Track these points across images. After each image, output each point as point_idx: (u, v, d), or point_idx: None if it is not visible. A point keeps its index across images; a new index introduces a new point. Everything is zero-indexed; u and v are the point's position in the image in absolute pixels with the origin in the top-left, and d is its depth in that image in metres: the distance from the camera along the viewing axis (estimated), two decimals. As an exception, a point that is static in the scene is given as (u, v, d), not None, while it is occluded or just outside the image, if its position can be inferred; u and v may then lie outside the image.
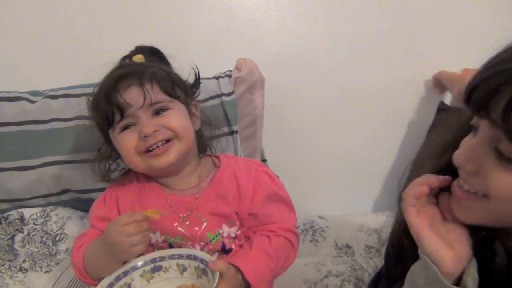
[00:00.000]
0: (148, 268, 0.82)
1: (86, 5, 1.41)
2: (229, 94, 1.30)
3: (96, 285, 0.80)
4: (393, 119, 1.53)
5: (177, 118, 0.88)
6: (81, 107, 1.29)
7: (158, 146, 0.85)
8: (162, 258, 0.82)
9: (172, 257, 0.82)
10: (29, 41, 1.40)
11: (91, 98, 0.94)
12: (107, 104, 0.85)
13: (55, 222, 1.23)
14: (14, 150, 1.28)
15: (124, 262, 0.83)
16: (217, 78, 1.34)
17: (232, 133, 1.30)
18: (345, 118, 1.52)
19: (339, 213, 1.45)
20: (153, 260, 0.82)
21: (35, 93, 1.33)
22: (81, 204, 1.30)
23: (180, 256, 0.82)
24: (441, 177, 0.66)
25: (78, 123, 1.28)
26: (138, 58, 0.97)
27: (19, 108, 1.29)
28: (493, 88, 0.53)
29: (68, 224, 1.24)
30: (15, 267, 1.09)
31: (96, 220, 0.92)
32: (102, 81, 0.91)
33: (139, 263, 0.82)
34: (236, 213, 0.90)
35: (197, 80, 1.02)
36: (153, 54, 1.01)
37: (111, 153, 0.98)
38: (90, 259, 0.85)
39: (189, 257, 0.82)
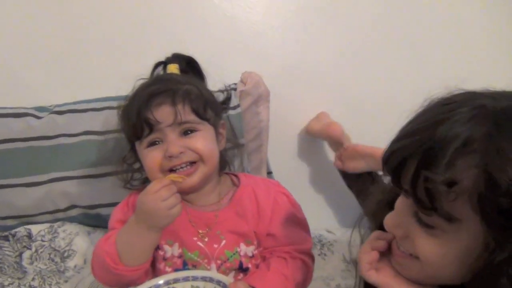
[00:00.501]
0: None
1: (92, 21, 1.41)
2: (234, 108, 1.30)
3: (128, 273, 0.80)
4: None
5: (204, 141, 0.89)
6: (87, 122, 1.30)
7: (182, 168, 0.87)
8: (176, 280, 0.82)
9: (186, 279, 0.82)
10: (34, 57, 1.40)
11: (122, 108, 0.95)
12: (137, 119, 0.86)
13: (63, 239, 1.23)
14: (20, 167, 1.28)
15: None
16: (222, 91, 1.34)
17: (238, 146, 1.30)
18: (351, 129, 1.51)
19: (346, 227, 1.45)
20: (166, 282, 0.81)
21: (41, 109, 1.33)
22: (89, 219, 1.30)
23: (195, 278, 0.81)
24: (388, 238, 0.68)
25: (84, 139, 1.29)
26: (173, 67, 0.99)
27: (25, 124, 1.29)
28: (401, 161, 0.57)
29: (76, 240, 1.23)
30: (24, 285, 1.08)
31: (119, 223, 0.90)
32: (135, 92, 0.93)
33: (153, 284, 0.81)
34: (255, 232, 0.90)
35: (228, 98, 1.04)
36: (189, 64, 1.03)
37: (135, 162, 0.99)
38: (124, 243, 0.82)
39: (204, 279, 0.81)
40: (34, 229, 1.24)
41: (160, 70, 1.05)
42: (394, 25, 1.51)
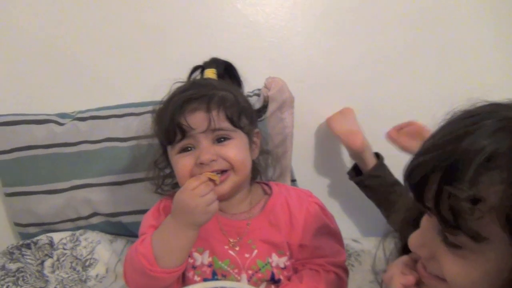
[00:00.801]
0: None
1: (115, 28, 1.40)
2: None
3: (165, 274, 0.79)
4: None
5: (236, 150, 0.87)
6: (109, 128, 1.29)
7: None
8: None
9: None
10: (56, 63, 1.40)
11: (156, 111, 0.95)
12: (170, 123, 0.85)
13: (85, 247, 1.21)
14: (42, 174, 1.27)
15: None
16: (258, 95, 1.31)
17: (262, 153, 1.28)
18: (376, 136, 1.47)
19: (373, 235, 1.41)
20: None
21: (63, 115, 1.33)
22: (110, 227, 1.28)
23: None
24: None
25: (106, 145, 1.28)
26: (211, 72, 0.98)
27: (47, 131, 1.29)
28: (423, 176, 0.54)
29: (98, 249, 1.21)
30: (47, 294, 1.07)
31: (151, 228, 0.88)
32: (170, 96, 0.92)
33: None
34: (287, 242, 0.88)
35: (265, 106, 1.05)
36: (227, 69, 1.02)
37: (167, 166, 0.98)
38: (160, 243, 0.80)
39: None
40: (56, 237, 1.23)
41: (197, 74, 1.04)
42: (419, 31, 1.48)
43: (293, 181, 1.39)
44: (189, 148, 0.87)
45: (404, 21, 1.46)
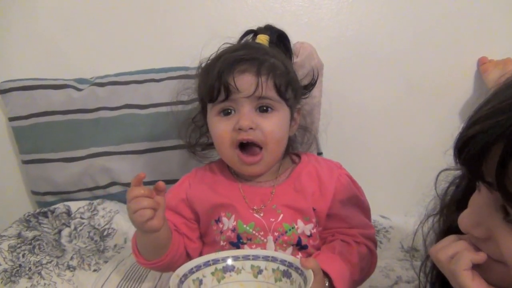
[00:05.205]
0: (220, 266, 0.75)
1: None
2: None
3: (148, 265, 0.83)
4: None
5: (276, 125, 0.83)
6: (128, 95, 1.24)
7: (249, 145, 0.83)
8: (235, 258, 0.75)
9: (246, 257, 0.75)
10: (75, 27, 1.34)
11: (203, 65, 0.91)
12: (216, 80, 0.81)
13: (103, 217, 1.18)
14: (60, 141, 1.24)
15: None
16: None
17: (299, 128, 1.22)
18: (411, 109, 1.39)
19: (401, 212, 1.33)
20: (225, 259, 0.75)
21: (81, 81, 1.29)
22: (129, 197, 1.24)
23: (256, 257, 0.75)
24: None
25: (126, 112, 1.23)
26: (263, 38, 0.94)
27: (65, 96, 1.25)
28: (482, 147, 0.46)
29: (116, 219, 1.18)
30: (63, 264, 1.03)
31: (168, 210, 0.86)
32: (220, 54, 0.88)
33: (211, 259, 0.75)
34: (314, 209, 0.84)
35: (313, 83, 1.00)
36: (280, 38, 0.98)
37: (203, 125, 0.95)
38: (138, 238, 0.83)
39: (266, 258, 0.74)
40: (73, 206, 1.20)
41: (249, 38, 0.99)
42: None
43: (320, 154, 1.32)
44: (230, 111, 0.83)
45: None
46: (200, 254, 0.88)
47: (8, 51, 1.35)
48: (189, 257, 0.86)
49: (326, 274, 0.74)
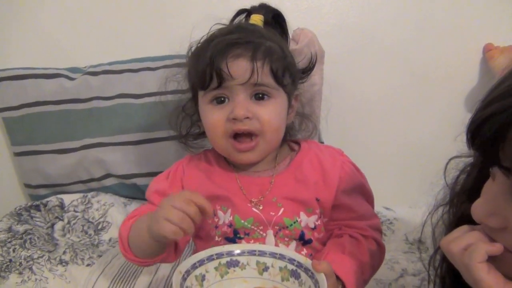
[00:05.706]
0: (224, 261, 0.71)
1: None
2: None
3: (137, 263, 0.78)
4: (470, 99, 1.36)
5: (273, 113, 0.78)
6: (122, 84, 1.20)
7: (244, 135, 0.78)
8: (241, 253, 0.71)
9: (252, 252, 0.71)
10: (68, 15, 1.31)
11: (193, 49, 0.85)
12: (208, 66, 0.75)
13: (97, 210, 1.15)
14: (52, 132, 1.21)
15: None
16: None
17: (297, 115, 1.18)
18: (414, 98, 1.35)
19: (405, 203, 1.30)
20: (229, 253, 0.71)
21: (74, 70, 1.25)
22: (125, 190, 1.22)
23: (262, 253, 0.71)
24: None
25: (120, 102, 1.20)
26: (258, 18, 0.87)
27: (57, 86, 1.21)
28: (498, 129, 0.43)
29: (111, 212, 1.15)
30: (55, 259, 0.99)
31: (156, 195, 0.82)
32: (211, 36, 0.81)
33: (215, 253, 0.71)
34: (317, 199, 0.79)
35: (311, 67, 0.93)
36: (275, 18, 0.91)
37: (194, 114, 0.89)
38: (134, 232, 0.76)
39: (273, 255, 0.70)
40: (67, 199, 1.17)
41: (242, 19, 0.92)
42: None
43: (321, 143, 1.28)
44: (223, 99, 0.78)
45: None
46: (195, 250, 0.84)
47: (-2, 40, 1.32)
48: (178, 249, 0.81)
49: (337, 277, 0.70)
